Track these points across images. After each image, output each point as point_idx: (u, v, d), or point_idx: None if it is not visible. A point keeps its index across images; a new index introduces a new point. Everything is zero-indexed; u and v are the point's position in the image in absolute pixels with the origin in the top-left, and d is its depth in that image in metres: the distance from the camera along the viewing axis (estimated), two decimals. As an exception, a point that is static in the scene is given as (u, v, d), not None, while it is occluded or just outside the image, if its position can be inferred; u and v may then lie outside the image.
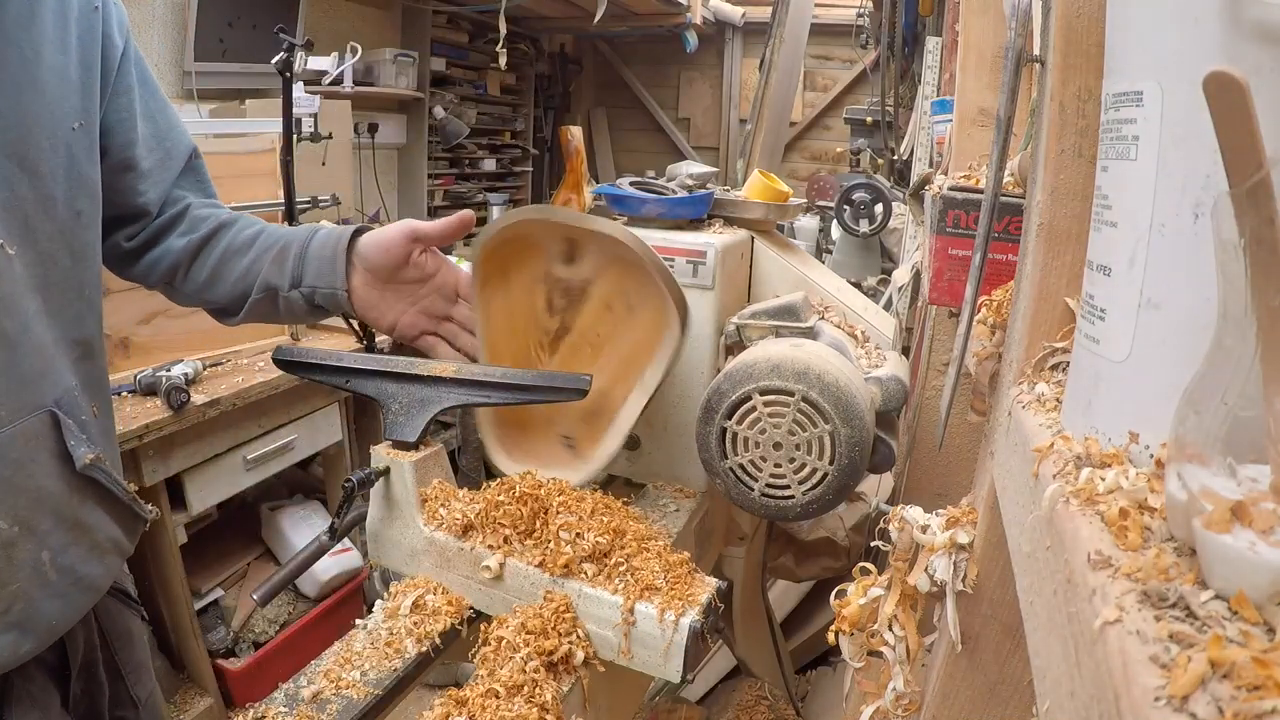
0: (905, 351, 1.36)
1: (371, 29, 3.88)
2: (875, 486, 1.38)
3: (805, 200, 3.65)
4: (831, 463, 0.81)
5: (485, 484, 0.82)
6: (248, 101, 2.79)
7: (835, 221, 3.25)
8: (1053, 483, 0.38)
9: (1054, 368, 0.51)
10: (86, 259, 0.81)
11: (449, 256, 0.98)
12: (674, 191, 1.06)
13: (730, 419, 0.84)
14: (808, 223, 3.98)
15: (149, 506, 0.89)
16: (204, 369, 1.95)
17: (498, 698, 0.66)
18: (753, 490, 0.85)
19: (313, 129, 2.71)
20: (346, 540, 2.28)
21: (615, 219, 1.08)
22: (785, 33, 3.48)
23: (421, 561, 0.83)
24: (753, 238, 1.08)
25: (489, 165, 4.81)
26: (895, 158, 2.66)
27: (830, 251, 3.59)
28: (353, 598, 2.35)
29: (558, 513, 0.77)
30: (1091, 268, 0.42)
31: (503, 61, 3.77)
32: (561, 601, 0.73)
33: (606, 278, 0.95)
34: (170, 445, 1.80)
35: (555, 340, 1.00)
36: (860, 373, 0.90)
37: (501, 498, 0.78)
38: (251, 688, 2.10)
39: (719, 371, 0.90)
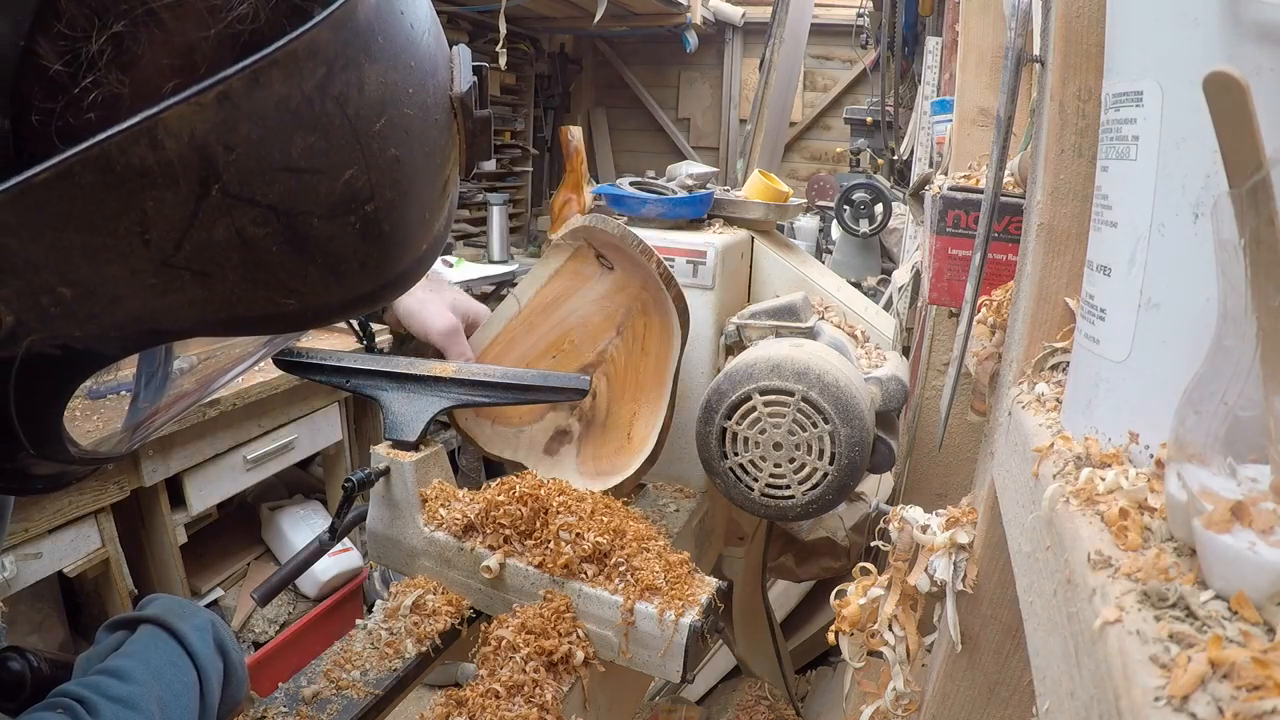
0: (905, 351, 1.36)
1: (371, 29, 3.87)
2: (875, 486, 1.38)
3: (805, 200, 3.65)
4: (831, 463, 0.81)
5: (485, 484, 0.82)
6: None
7: (835, 221, 3.25)
8: (1053, 483, 0.38)
9: (1054, 368, 0.51)
10: None
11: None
12: (674, 191, 1.06)
13: (730, 419, 0.84)
14: (808, 223, 3.99)
15: None
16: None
17: (498, 698, 0.66)
18: (753, 490, 0.85)
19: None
20: (346, 540, 2.28)
21: (615, 219, 1.08)
22: (785, 33, 3.48)
23: (421, 561, 0.83)
24: (753, 238, 1.08)
25: (489, 165, 4.80)
26: (895, 158, 2.66)
27: (830, 251, 3.59)
28: (353, 598, 2.35)
29: (558, 513, 0.77)
30: (1091, 268, 0.42)
31: (502, 61, 3.77)
32: (561, 602, 0.73)
33: (628, 292, 0.95)
34: (170, 445, 1.80)
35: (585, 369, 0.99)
36: (860, 373, 0.90)
37: (501, 498, 0.78)
38: (252, 688, 2.10)
39: (719, 371, 0.90)
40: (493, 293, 3.43)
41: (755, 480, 0.85)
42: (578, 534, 0.75)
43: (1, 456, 0.38)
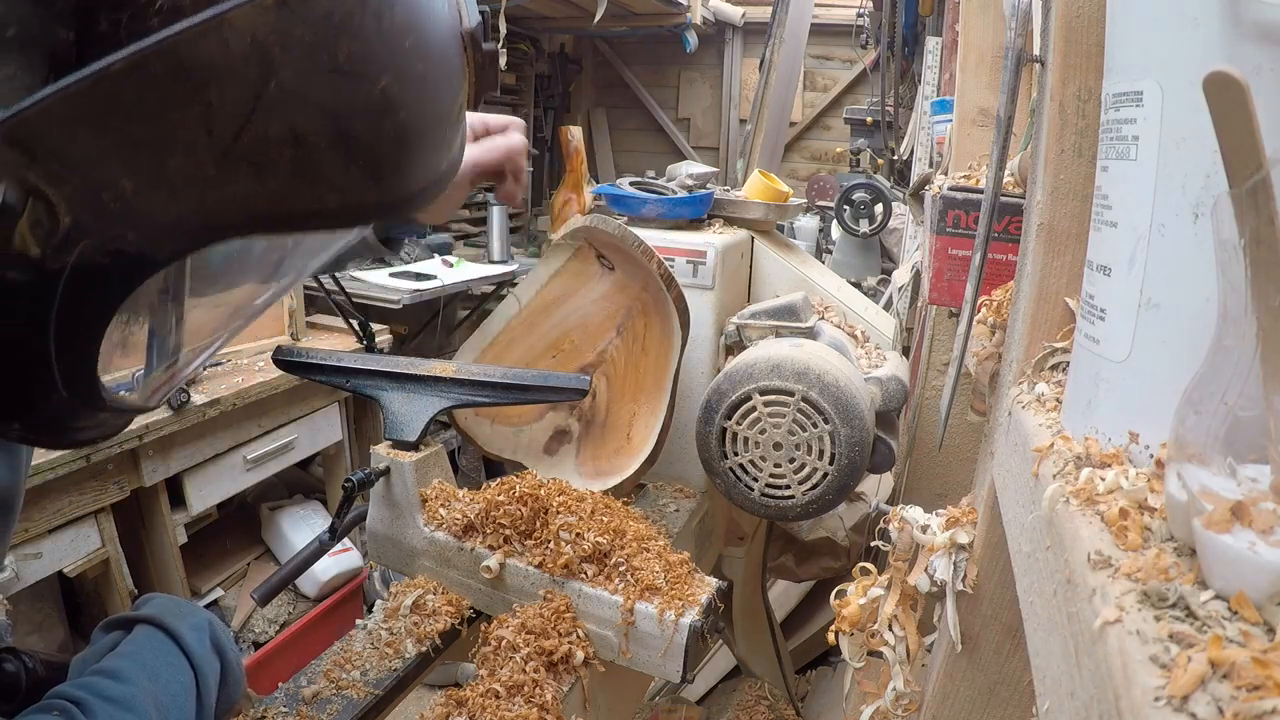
0: (905, 351, 1.36)
1: (371, 29, 3.87)
2: (875, 486, 1.38)
3: (805, 200, 3.65)
4: (831, 463, 0.81)
5: (485, 484, 0.82)
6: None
7: (835, 221, 3.25)
8: (1053, 483, 0.38)
9: (1054, 368, 0.51)
10: None
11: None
12: (674, 191, 1.06)
13: (730, 419, 0.84)
14: (808, 223, 3.98)
15: None
16: (204, 369, 1.94)
17: (498, 698, 0.66)
18: (753, 490, 0.85)
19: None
20: (346, 540, 2.28)
21: (615, 219, 1.08)
22: (785, 33, 3.48)
23: (421, 561, 0.82)
24: (753, 238, 1.08)
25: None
26: (895, 158, 2.66)
27: (830, 251, 3.59)
28: (353, 598, 2.35)
29: (558, 513, 0.77)
30: (1091, 268, 0.42)
31: (502, 61, 3.77)
32: (561, 602, 0.73)
33: (628, 292, 0.95)
34: (170, 445, 1.80)
35: (585, 369, 0.99)
36: (860, 373, 0.90)
37: (501, 498, 0.78)
38: (251, 687, 2.10)
39: (719, 371, 0.91)
40: (493, 293, 3.42)
41: (755, 480, 0.85)
42: (578, 534, 0.75)
43: (33, 393, 0.38)
